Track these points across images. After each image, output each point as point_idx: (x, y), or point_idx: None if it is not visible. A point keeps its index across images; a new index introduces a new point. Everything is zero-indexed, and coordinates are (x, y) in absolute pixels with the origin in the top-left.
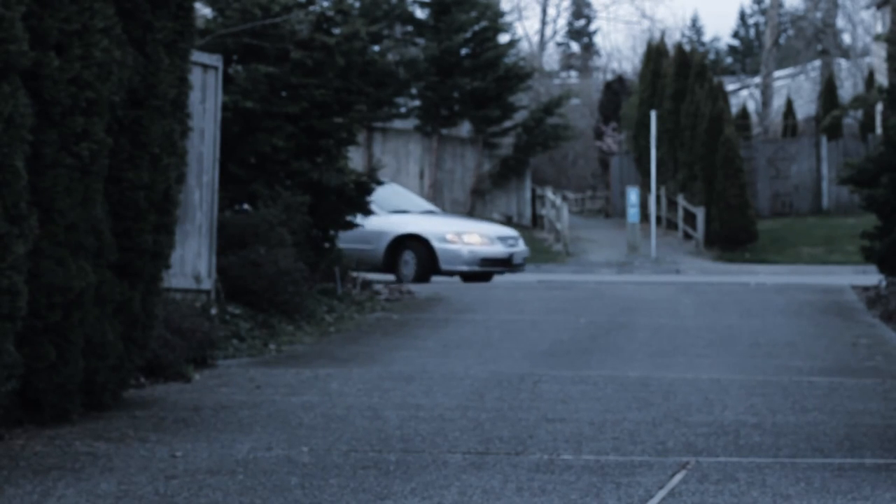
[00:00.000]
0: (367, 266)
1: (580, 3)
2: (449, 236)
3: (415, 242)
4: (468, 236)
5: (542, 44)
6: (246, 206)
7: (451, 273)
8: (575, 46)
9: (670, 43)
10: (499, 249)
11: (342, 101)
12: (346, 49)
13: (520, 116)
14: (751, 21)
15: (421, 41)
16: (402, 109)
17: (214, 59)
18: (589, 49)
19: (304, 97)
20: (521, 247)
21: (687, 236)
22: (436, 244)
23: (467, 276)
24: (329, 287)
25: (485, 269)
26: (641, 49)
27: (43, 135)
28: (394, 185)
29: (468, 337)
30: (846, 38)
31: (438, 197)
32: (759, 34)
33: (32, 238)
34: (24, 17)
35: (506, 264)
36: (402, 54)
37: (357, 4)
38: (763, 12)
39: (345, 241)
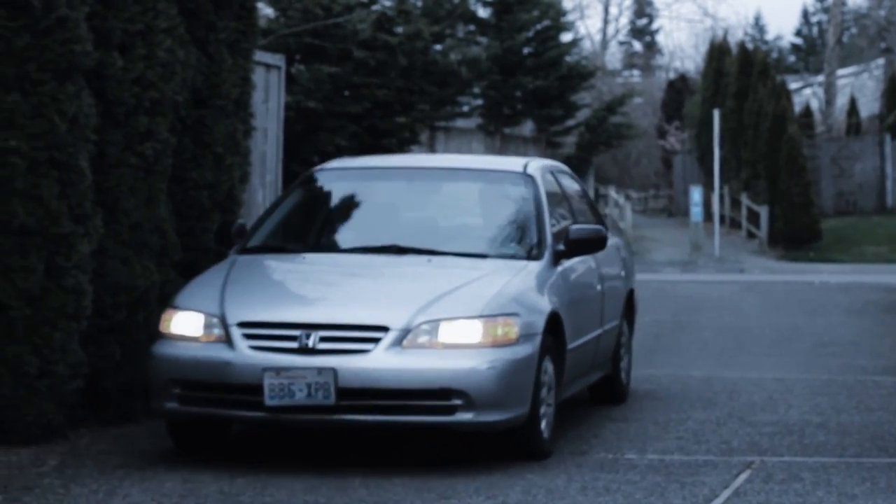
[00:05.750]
0: None
1: (642, 1)
2: None
3: None
4: None
5: (605, 43)
6: None
7: None
8: (637, 45)
9: (733, 41)
10: None
11: (404, 101)
12: (409, 49)
13: (582, 115)
14: (814, 19)
15: (483, 40)
16: (465, 108)
17: (277, 59)
18: (651, 48)
19: (366, 97)
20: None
21: (750, 235)
22: None
23: None
24: None
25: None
26: (704, 47)
27: (107, 135)
28: None
29: None
30: None
31: None
32: (822, 32)
33: (97, 237)
34: (87, 17)
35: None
36: (464, 53)
37: (419, 4)
38: (826, 10)
39: None
